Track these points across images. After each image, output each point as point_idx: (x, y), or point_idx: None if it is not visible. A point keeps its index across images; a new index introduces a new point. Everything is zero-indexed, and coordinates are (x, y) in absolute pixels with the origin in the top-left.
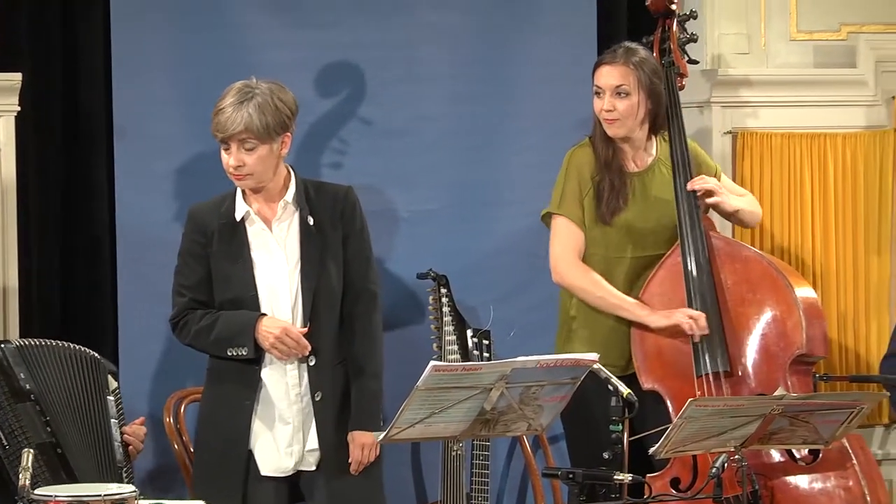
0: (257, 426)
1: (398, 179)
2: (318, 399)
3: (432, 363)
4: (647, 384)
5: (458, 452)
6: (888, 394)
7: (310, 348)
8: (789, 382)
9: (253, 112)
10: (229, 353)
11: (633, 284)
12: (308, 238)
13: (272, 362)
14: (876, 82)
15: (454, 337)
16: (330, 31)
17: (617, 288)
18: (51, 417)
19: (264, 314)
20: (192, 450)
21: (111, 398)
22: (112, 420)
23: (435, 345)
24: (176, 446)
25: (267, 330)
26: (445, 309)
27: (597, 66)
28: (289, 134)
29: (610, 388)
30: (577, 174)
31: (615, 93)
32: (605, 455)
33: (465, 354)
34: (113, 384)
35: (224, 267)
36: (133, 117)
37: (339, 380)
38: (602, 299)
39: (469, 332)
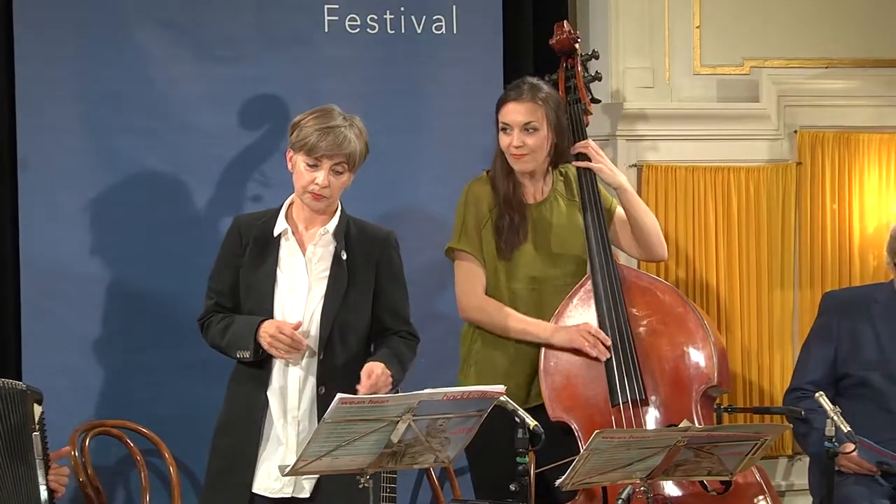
0: (261, 447)
1: None
2: None
3: (339, 396)
4: (555, 415)
5: (365, 485)
6: (791, 425)
7: (305, 344)
8: (700, 414)
9: (356, 140)
10: (238, 356)
11: (539, 312)
12: (338, 271)
13: (276, 382)
14: (778, 116)
15: None
16: (234, 64)
17: (530, 340)
18: None
19: (265, 318)
20: (98, 484)
21: (36, 434)
22: (38, 460)
23: None
24: (81, 479)
25: (264, 330)
26: None
27: (502, 103)
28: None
29: (517, 419)
30: (475, 207)
31: (524, 129)
32: (512, 487)
33: None
34: (38, 411)
35: (249, 277)
36: (38, 149)
37: None
38: (509, 329)
39: None
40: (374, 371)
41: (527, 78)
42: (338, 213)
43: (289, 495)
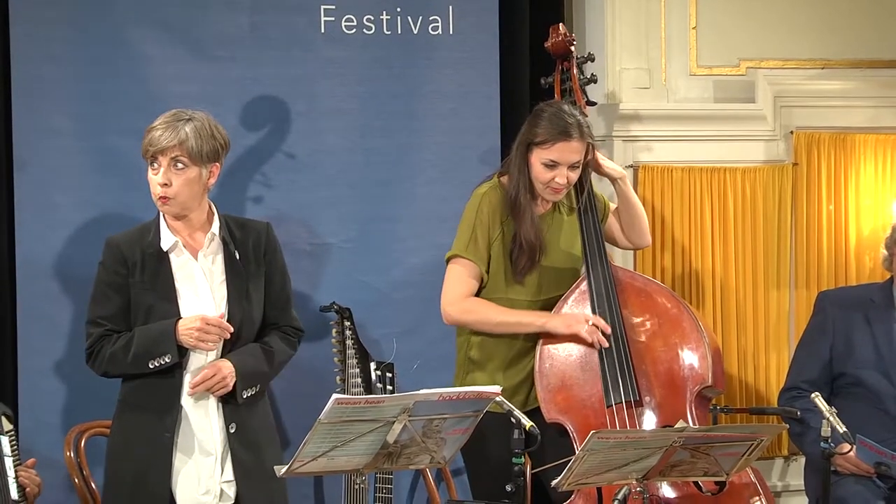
0: (178, 460)
1: (300, 212)
2: (232, 431)
3: (335, 396)
4: (550, 417)
5: (362, 486)
6: (787, 426)
7: (232, 329)
8: (695, 415)
9: (189, 132)
10: (151, 366)
11: None
12: (234, 272)
13: (189, 389)
14: (774, 117)
15: (357, 370)
16: (231, 65)
17: (525, 331)
18: None
19: (178, 318)
20: (93, 484)
21: (5, 438)
22: (6, 458)
23: (338, 377)
24: (77, 480)
25: (187, 327)
26: (349, 342)
27: (552, 139)
28: (217, 165)
29: (512, 420)
30: (489, 219)
31: (571, 166)
32: (508, 488)
33: (369, 387)
34: (8, 426)
35: (147, 297)
36: (34, 149)
37: (256, 413)
38: (501, 324)
39: (372, 365)
40: (220, 370)
41: (565, 109)
42: (215, 214)
43: None
